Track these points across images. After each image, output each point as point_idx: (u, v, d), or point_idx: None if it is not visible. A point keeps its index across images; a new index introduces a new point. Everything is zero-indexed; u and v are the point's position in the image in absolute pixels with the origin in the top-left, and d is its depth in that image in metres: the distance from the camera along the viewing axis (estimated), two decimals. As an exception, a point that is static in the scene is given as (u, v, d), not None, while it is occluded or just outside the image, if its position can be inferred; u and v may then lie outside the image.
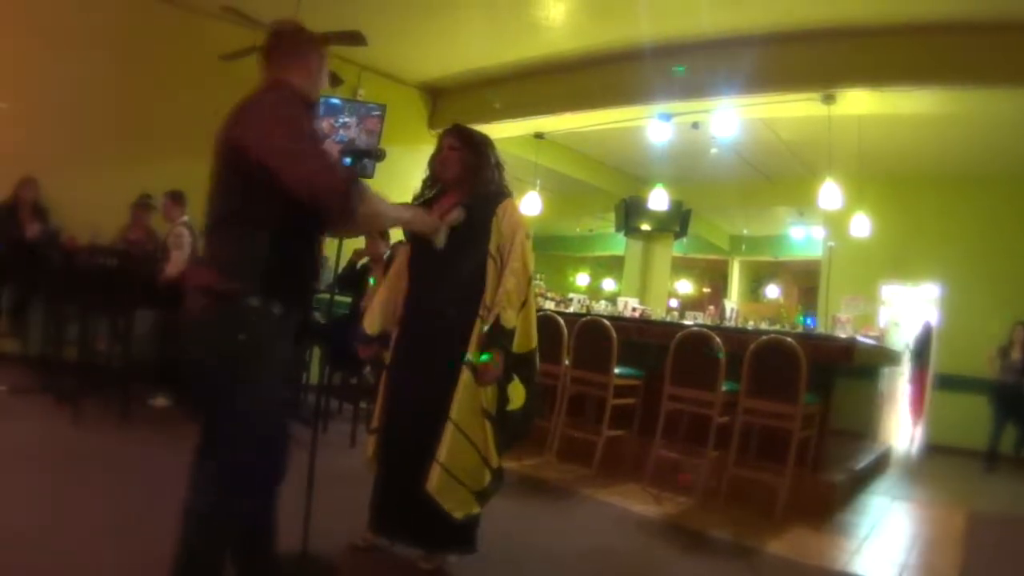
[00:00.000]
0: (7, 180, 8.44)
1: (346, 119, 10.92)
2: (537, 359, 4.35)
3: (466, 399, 4.06)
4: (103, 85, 9.26)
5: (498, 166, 4.42)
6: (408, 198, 4.50)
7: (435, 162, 4.43)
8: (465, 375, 4.05)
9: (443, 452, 3.98)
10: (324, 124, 10.79)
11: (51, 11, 9.08)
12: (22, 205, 8.47)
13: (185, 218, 8.25)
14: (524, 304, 4.18)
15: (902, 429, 13.48)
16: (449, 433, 4.00)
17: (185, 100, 9.80)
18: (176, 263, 7.92)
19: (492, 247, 4.18)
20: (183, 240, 8.09)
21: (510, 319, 4.07)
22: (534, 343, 4.28)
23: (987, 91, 8.29)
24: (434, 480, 3.96)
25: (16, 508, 4.24)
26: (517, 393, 4.21)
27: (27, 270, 8.41)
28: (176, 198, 8.33)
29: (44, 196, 8.64)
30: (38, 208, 8.56)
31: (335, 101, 10.86)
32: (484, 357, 4.03)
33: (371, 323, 4.49)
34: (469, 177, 4.28)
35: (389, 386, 4.35)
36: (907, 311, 13.94)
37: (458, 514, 4.05)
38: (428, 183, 4.52)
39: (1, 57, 8.79)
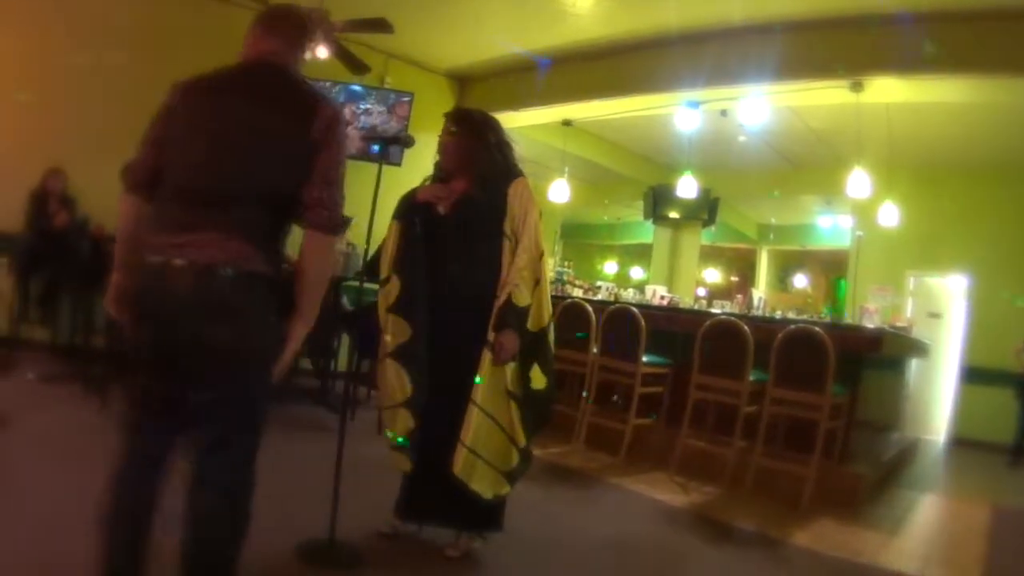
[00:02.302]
0: (35, 171, 8.49)
1: (369, 105, 10.95)
2: (551, 335, 4.33)
3: (488, 380, 4.07)
4: (129, 75, 9.26)
5: (500, 145, 4.38)
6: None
7: (438, 147, 4.44)
8: (487, 356, 4.06)
9: (468, 434, 4.00)
10: (346, 110, 10.83)
11: (76, 2, 9.14)
12: (50, 195, 8.51)
13: None
14: (537, 283, 4.17)
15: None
16: (473, 415, 4.01)
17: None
18: None
19: (506, 227, 4.17)
20: None
21: (523, 297, 4.07)
22: (546, 320, 4.26)
23: (1018, 80, 8.21)
24: (460, 462, 3.98)
25: (44, 496, 4.27)
26: (537, 373, 4.22)
27: (56, 259, 8.47)
28: None
29: (72, 186, 8.68)
30: (66, 198, 8.60)
31: (356, 88, 10.89)
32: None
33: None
34: (470, 160, 4.28)
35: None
36: (946, 302, 13.75)
37: (488, 495, 4.07)
38: (438, 167, 4.52)
39: (28, 49, 8.85)
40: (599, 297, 10.88)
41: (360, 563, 3.92)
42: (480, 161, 4.28)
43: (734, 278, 22.97)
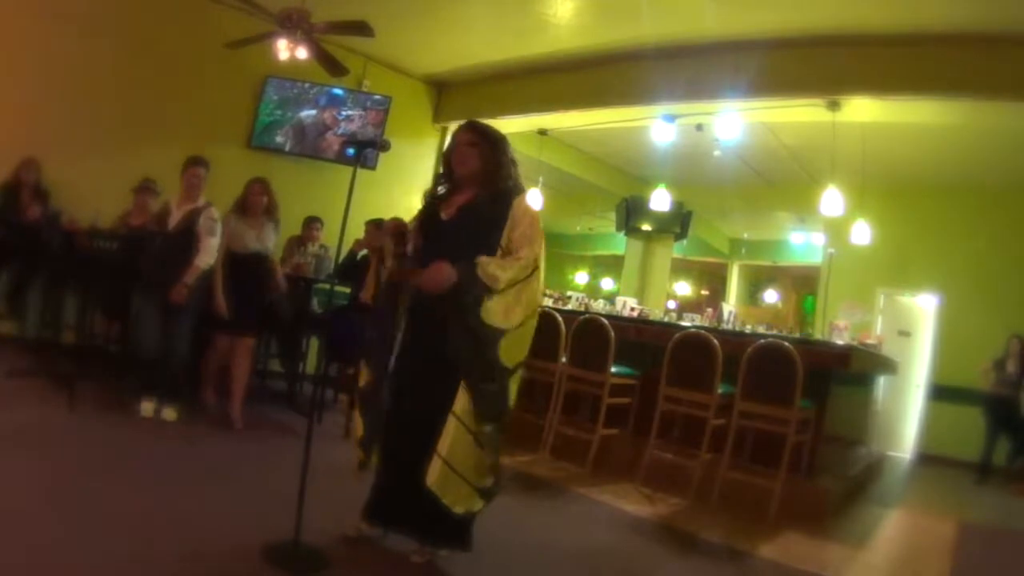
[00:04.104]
0: (9, 161, 8.39)
1: (350, 111, 10.92)
2: (518, 372, 4.21)
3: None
4: (107, 68, 9.25)
5: (513, 162, 4.39)
6: (411, 188, 4.48)
7: (451, 157, 4.39)
8: None
9: (444, 445, 3.96)
10: (326, 116, 10.79)
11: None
12: (23, 187, 8.41)
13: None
14: (522, 285, 4.09)
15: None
16: (451, 426, 3.98)
17: (189, 86, 9.81)
18: (210, 251, 7.05)
19: (504, 240, 4.15)
20: (216, 226, 7.17)
21: (497, 278, 4.00)
22: (522, 356, 4.19)
23: (991, 103, 8.28)
24: (435, 474, 3.95)
25: (8, 492, 4.23)
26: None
27: (27, 252, 8.38)
28: (207, 166, 7.30)
29: (45, 178, 8.59)
30: (39, 190, 8.50)
31: (338, 92, 10.87)
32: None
33: None
34: (488, 173, 4.27)
35: (394, 375, 4.31)
36: (916, 321, 13.79)
37: (458, 509, 4.03)
38: (442, 179, 4.50)
39: (4, 37, 8.76)
40: (569, 307, 10.85)
41: (325, 566, 3.90)
42: (500, 174, 4.30)
43: (705, 292, 23.05)
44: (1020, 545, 7.30)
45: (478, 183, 4.27)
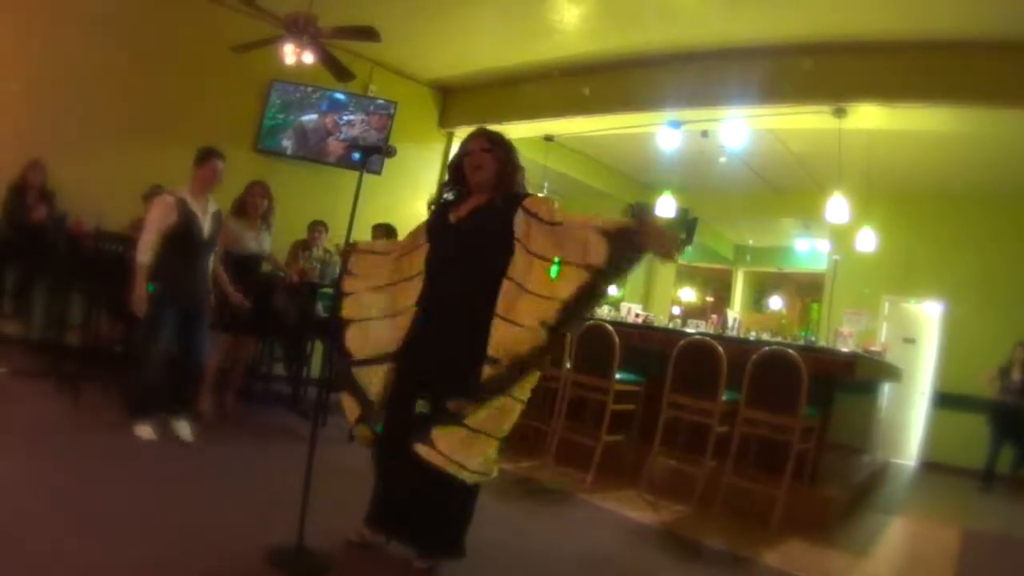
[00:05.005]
0: (15, 163, 8.42)
1: (351, 116, 10.91)
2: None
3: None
4: (114, 70, 9.25)
5: (521, 168, 4.43)
6: (416, 193, 4.49)
7: (464, 164, 4.39)
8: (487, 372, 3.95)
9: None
10: (328, 120, 10.78)
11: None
12: (29, 188, 8.43)
13: None
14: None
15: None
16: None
17: (195, 89, 9.82)
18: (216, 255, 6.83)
19: (520, 235, 4.11)
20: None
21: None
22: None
23: (997, 111, 8.26)
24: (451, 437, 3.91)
25: (10, 492, 4.23)
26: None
27: (32, 253, 8.40)
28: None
29: (51, 180, 8.61)
30: (45, 192, 8.52)
31: (340, 96, 10.86)
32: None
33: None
34: (503, 177, 4.30)
35: (399, 375, 4.29)
36: (921, 328, 13.76)
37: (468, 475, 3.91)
38: (447, 187, 4.51)
39: (11, 38, 8.78)
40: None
41: (327, 570, 3.90)
42: (514, 177, 4.34)
43: (709, 298, 22.99)
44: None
45: (492, 187, 4.28)
